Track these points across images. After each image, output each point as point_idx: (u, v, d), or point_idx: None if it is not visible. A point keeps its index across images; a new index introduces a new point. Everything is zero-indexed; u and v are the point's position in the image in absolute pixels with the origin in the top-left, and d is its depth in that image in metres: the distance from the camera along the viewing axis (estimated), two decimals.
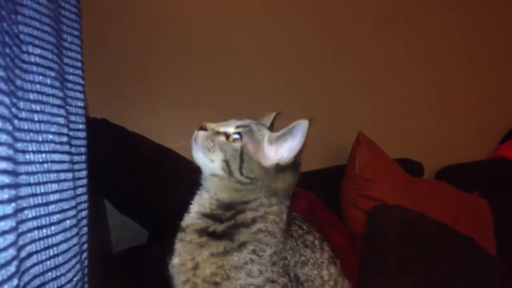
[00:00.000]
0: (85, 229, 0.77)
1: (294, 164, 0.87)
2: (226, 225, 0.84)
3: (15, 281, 0.48)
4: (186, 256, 0.84)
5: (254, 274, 0.80)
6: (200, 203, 0.89)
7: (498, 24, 2.68)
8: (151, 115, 1.89)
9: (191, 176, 1.51)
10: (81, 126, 0.77)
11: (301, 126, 0.84)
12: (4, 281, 0.46)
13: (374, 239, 1.70)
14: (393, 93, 2.42)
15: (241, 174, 0.84)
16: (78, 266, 0.68)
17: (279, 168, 0.86)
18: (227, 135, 0.87)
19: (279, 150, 0.87)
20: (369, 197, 1.84)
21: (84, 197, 0.77)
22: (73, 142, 0.73)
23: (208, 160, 0.86)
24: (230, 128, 0.88)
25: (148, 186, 1.43)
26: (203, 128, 0.88)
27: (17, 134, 0.56)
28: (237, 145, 0.85)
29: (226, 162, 0.84)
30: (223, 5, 2.03)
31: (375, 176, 1.87)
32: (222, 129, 0.88)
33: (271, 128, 0.97)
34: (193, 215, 0.89)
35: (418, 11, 2.47)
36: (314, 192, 1.69)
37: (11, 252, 0.48)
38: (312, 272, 0.89)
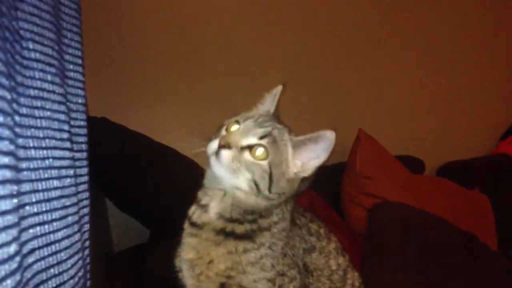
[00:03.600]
0: (87, 226, 0.77)
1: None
2: (248, 227, 0.83)
3: (17, 276, 0.48)
4: (203, 252, 0.84)
5: (267, 268, 0.81)
6: (221, 206, 0.86)
7: (498, 22, 2.68)
8: (151, 114, 1.89)
9: (192, 174, 1.52)
10: (82, 123, 0.76)
11: (328, 139, 0.81)
12: (7, 276, 0.46)
13: (375, 236, 1.70)
14: (394, 90, 2.42)
15: (270, 192, 0.81)
16: (80, 262, 0.68)
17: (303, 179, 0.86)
18: (251, 147, 0.81)
19: (303, 160, 0.84)
20: (370, 194, 1.83)
21: (86, 194, 0.77)
22: (74, 138, 0.73)
23: (234, 177, 0.81)
24: (253, 138, 0.82)
25: (148, 184, 1.43)
26: (225, 146, 0.80)
27: (18, 129, 0.56)
28: (265, 164, 0.80)
29: (255, 182, 0.80)
30: (221, 2, 2.03)
31: (376, 173, 1.86)
32: (245, 143, 0.81)
33: (276, 110, 0.95)
34: (212, 215, 0.86)
35: (419, 9, 2.47)
36: (314, 190, 1.69)
37: (14, 247, 0.48)
38: (319, 261, 0.90)
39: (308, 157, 0.84)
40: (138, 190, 1.44)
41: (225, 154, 0.80)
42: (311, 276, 0.88)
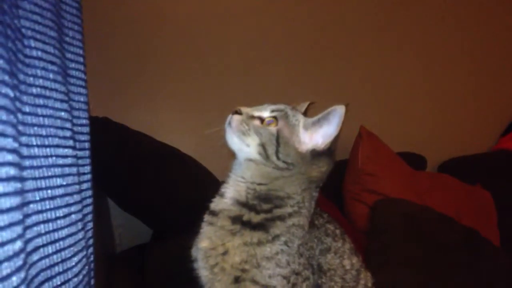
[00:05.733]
0: (90, 224, 0.76)
1: (329, 151, 0.87)
2: (262, 217, 0.83)
3: (22, 274, 0.48)
4: (217, 241, 0.84)
5: (282, 264, 0.81)
6: (236, 190, 0.87)
7: (497, 18, 2.67)
8: (153, 114, 1.89)
9: (193, 174, 1.52)
10: (84, 121, 0.76)
11: (337, 112, 0.83)
12: (13, 273, 0.46)
13: (378, 233, 1.69)
14: (395, 87, 2.42)
15: (278, 158, 0.82)
16: (84, 260, 0.68)
17: (315, 154, 0.85)
18: (262, 119, 0.86)
19: (314, 136, 0.86)
20: (372, 191, 1.83)
21: (89, 192, 0.77)
22: (77, 137, 0.73)
23: (244, 144, 0.84)
24: (265, 112, 0.87)
25: (150, 184, 1.43)
26: (237, 112, 0.87)
27: (21, 127, 0.56)
28: (273, 128, 0.84)
29: (263, 146, 0.83)
30: (222, 3, 2.03)
31: (377, 170, 1.86)
32: (256, 113, 0.87)
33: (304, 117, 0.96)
34: (227, 201, 0.87)
35: (420, 7, 2.46)
36: None
37: (19, 244, 0.48)
38: (334, 261, 0.89)
39: (321, 133, 0.86)
40: (140, 189, 1.43)
41: (235, 117, 0.86)
42: (324, 276, 0.87)
